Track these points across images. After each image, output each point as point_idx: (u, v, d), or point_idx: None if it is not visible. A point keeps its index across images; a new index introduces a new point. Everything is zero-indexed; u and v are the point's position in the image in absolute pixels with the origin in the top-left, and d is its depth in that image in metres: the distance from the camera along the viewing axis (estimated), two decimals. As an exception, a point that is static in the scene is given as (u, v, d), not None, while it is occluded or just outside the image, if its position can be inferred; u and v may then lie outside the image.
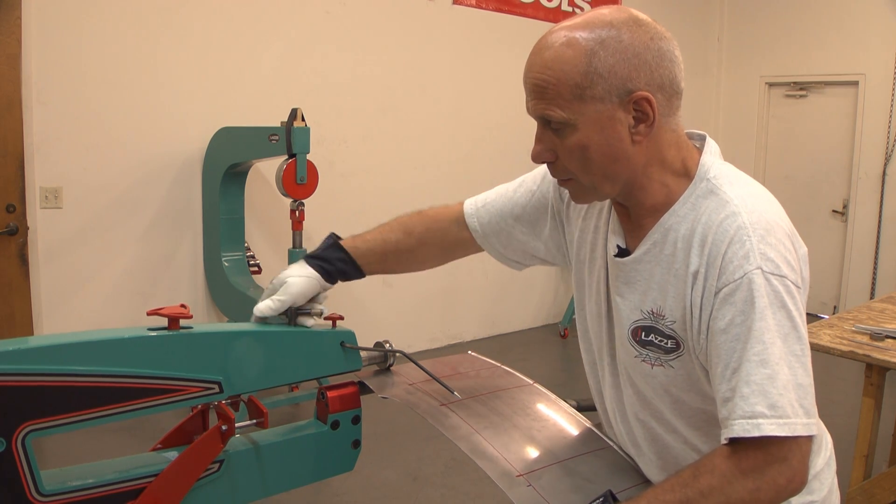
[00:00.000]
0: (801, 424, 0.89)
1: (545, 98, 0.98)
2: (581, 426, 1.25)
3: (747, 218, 0.95)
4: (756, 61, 6.45)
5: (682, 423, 1.07)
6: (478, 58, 5.06)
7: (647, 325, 1.04)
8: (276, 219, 4.22)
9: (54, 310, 3.61)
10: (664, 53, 0.97)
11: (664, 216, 1.02)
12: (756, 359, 0.90)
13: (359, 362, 1.26)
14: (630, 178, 1.01)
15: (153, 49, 3.76)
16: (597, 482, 1.09)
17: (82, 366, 0.94)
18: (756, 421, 0.88)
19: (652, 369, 1.05)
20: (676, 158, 1.03)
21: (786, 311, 0.92)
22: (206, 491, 1.09)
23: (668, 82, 0.98)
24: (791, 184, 6.37)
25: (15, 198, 3.41)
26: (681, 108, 1.02)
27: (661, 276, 1.02)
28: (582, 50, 0.95)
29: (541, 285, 5.73)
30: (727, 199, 0.98)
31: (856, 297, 5.81)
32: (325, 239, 1.29)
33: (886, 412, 2.82)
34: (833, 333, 2.51)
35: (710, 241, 0.96)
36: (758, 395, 0.89)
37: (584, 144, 0.98)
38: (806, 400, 0.90)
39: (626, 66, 0.95)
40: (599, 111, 0.96)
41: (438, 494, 3.04)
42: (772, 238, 0.94)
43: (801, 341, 0.92)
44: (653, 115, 0.97)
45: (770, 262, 0.92)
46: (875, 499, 2.52)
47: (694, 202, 1.01)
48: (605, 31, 0.95)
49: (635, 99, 0.96)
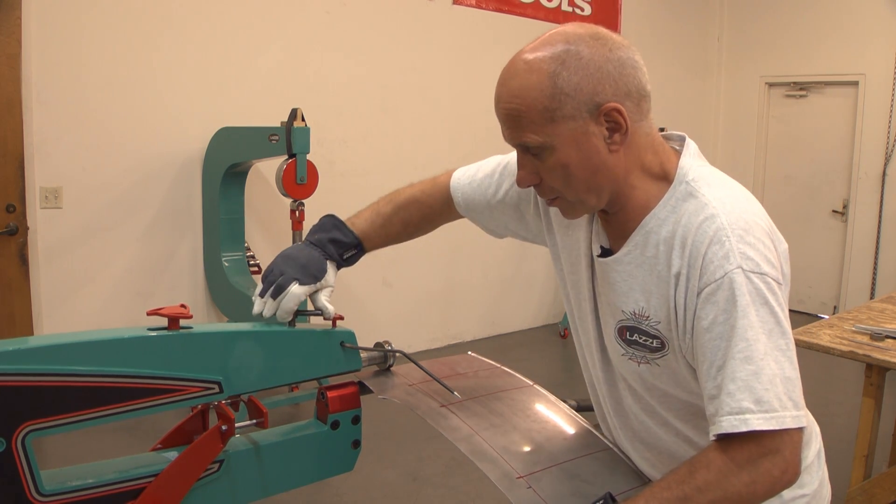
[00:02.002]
0: (790, 417, 0.90)
1: (519, 126, 1.01)
2: (581, 428, 1.25)
3: (725, 219, 0.97)
4: (756, 61, 6.45)
5: (672, 416, 1.10)
6: (478, 58, 5.06)
7: (630, 325, 1.06)
8: (276, 219, 4.22)
9: (54, 310, 3.61)
10: (625, 62, 0.99)
11: (645, 219, 1.04)
12: (740, 356, 0.92)
13: (359, 362, 1.26)
14: (614, 188, 1.04)
15: (153, 49, 3.76)
16: (596, 484, 1.09)
17: (82, 366, 0.94)
18: (743, 416, 0.90)
19: (639, 367, 1.07)
20: (654, 162, 1.05)
21: (768, 308, 0.94)
22: (206, 491, 1.09)
23: (635, 89, 1.00)
24: (791, 184, 6.37)
25: (15, 198, 3.42)
26: (651, 111, 1.04)
27: (643, 277, 1.04)
28: (545, 73, 0.97)
29: (541, 285, 5.73)
30: (706, 201, 1.00)
31: (856, 297, 5.81)
32: (321, 220, 1.32)
33: (886, 412, 2.82)
34: (833, 333, 2.51)
35: (691, 243, 0.98)
36: (744, 390, 0.91)
37: (564, 163, 1.00)
38: (794, 392, 0.92)
39: (591, 81, 0.97)
40: (573, 129, 0.98)
41: (438, 494, 3.04)
42: (750, 237, 0.96)
43: (786, 336, 0.94)
44: (625, 123, 0.99)
45: (750, 261, 0.94)
46: (875, 499, 2.52)
47: (674, 205, 1.03)
48: (563, 50, 0.97)
49: (605, 111, 0.98)
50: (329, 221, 1.32)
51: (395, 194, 1.39)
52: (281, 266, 1.21)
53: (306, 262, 1.23)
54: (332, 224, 1.31)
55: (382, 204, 1.38)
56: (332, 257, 1.27)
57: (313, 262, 1.23)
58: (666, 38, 6.25)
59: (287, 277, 1.19)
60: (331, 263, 1.26)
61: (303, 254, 1.24)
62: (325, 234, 1.29)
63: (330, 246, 1.27)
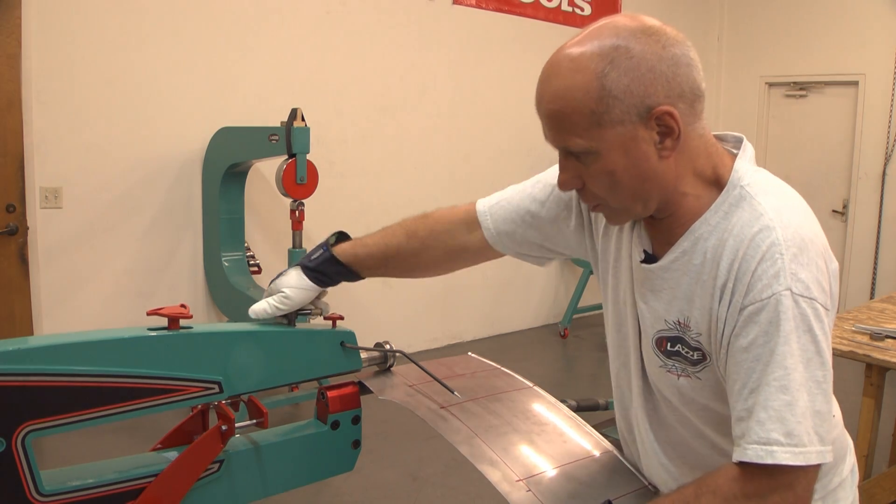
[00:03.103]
0: (814, 453, 0.87)
1: (562, 129, 0.93)
2: (581, 430, 1.25)
3: (781, 234, 0.90)
4: (756, 61, 6.45)
5: (710, 430, 1.05)
6: (478, 58, 5.06)
7: (673, 335, 1.01)
8: (276, 219, 4.22)
9: (54, 310, 3.61)
10: (679, 59, 0.92)
11: (695, 224, 0.98)
12: (776, 384, 0.87)
13: (359, 362, 1.26)
14: (663, 196, 0.97)
15: (153, 49, 3.76)
16: (596, 488, 1.09)
17: (82, 366, 0.95)
18: (770, 448, 0.86)
19: (678, 380, 1.02)
20: (707, 166, 0.98)
21: (811, 335, 0.89)
22: (206, 491, 1.09)
23: (689, 89, 0.93)
24: (791, 184, 6.17)
25: (15, 198, 3.42)
26: (705, 111, 0.97)
27: (688, 286, 0.98)
28: (592, 73, 0.90)
29: (541, 285, 5.73)
30: (761, 210, 0.93)
31: (856, 297, 5.81)
32: (319, 245, 1.26)
33: (886, 412, 2.82)
34: (833, 333, 2.50)
35: (741, 256, 0.92)
36: (775, 421, 0.86)
37: (611, 170, 0.93)
38: (822, 427, 0.88)
39: (642, 83, 0.90)
40: (621, 134, 0.91)
41: (438, 494, 3.04)
42: (805, 257, 0.90)
43: (825, 367, 0.89)
44: (677, 127, 0.92)
45: (800, 284, 0.88)
46: (875, 499, 2.52)
47: (726, 211, 0.96)
48: (612, 46, 0.90)
49: (657, 115, 0.91)
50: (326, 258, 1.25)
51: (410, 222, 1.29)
52: None
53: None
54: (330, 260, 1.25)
55: (392, 226, 1.29)
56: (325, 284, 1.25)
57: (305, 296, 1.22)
58: (666, 38, 6.23)
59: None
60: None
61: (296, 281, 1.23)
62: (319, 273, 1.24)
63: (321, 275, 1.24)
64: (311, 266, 1.22)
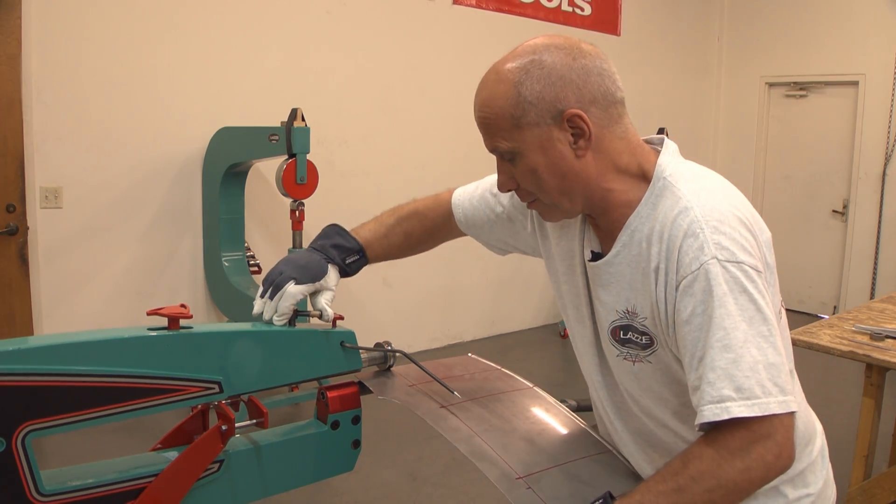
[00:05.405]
0: (774, 402, 0.91)
1: (490, 133, 1.07)
2: (580, 430, 1.25)
3: (699, 211, 0.99)
4: (756, 61, 6.45)
5: (669, 418, 1.10)
6: (478, 58, 5.02)
7: (623, 323, 1.08)
8: (276, 219, 4.22)
9: (54, 310, 3.61)
10: (590, 69, 1.03)
11: (629, 218, 1.07)
12: (719, 345, 0.93)
13: (359, 362, 1.26)
14: (587, 192, 1.07)
15: (153, 49, 3.76)
16: (595, 486, 1.09)
17: (82, 366, 0.95)
18: (724, 404, 0.91)
19: (633, 366, 1.09)
20: (632, 163, 1.08)
21: (747, 295, 0.94)
22: (206, 491, 1.09)
23: (601, 95, 1.03)
24: (791, 184, 6.37)
25: (15, 198, 3.42)
26: (626, 115, 1.07)
27: (630, 275, 1.06)
28: (510, 83, 1.03)
29: (541, 285, 5.73)
30: (679, 195, 1.02)
31: (856, 297, 5.81)
32: (350, 250, 1.33)
33: (886, 412, 2.82)
34: (833, 333, 2.51)
35: (667, 238, 1.00)
36: (723, 378, 0.91)
37: (533, 167, 1.05)
38: (779, 378, 0.92)
39: (553, 89, 1.01)
40: (538, 135, 1.03)
41: (438, 494, 3.04)
42: (725, 227, 0.97)
43: (767, 322, 0.94)
44: (588, 129, 1.02)
45: (725, 251, 0.95)
46: (875, 499, 2.52)
47: (654, 202, 1.05)
48: (528, 60, 1.03)
49: (567, 117, 1.02)
50: (332, 229, 1.35)
51: (398, 208, 1.43)
52: (280, 267, 1.24)
53: (305, 263, 1.25)
54: (335, 231, 1.35)
55: (385, 216, 1.42)
56: (333, 260, 1.29)
57: (313, 263, 1.26)
58: (666, 39, 6.25)
59: (284, 277, 1.21)
60: (332, 267, 1.29)
61: (303, 256, 1.27)
62: (328, 241, 1.32)
63: (332, 250, 1.30)
64: (350, 272, 1.33)
